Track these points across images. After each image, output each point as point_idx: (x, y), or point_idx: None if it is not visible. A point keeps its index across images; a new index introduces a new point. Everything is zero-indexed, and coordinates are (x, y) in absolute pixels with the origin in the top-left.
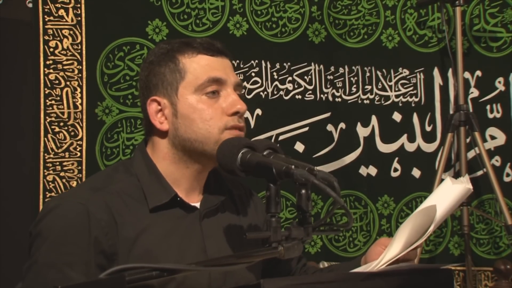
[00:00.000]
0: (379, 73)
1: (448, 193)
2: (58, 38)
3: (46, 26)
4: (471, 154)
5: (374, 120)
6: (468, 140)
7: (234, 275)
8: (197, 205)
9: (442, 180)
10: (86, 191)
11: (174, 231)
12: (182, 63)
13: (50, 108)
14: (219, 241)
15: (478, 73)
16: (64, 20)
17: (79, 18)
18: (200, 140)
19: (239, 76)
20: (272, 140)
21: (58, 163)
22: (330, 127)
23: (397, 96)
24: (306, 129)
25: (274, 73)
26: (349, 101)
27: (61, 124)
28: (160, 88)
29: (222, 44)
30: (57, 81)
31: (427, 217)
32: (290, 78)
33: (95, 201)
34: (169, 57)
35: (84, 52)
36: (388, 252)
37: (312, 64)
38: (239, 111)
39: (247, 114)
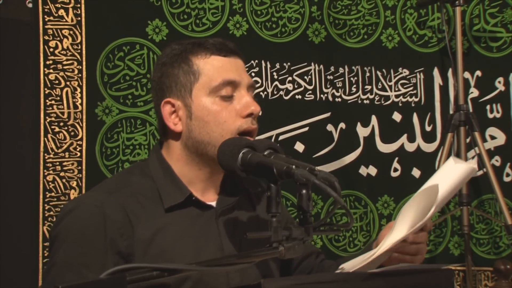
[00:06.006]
0: (379, 73)
1: (450, 173)
2: (58, 38)
3: (46, 26)
4: (471, 154)
5: (374, 120)
6: (468, 140)
7: (252, 272)
8: (213, 203)
9: None
10: (102, 193)
11: (190, 230)
12: (196, 65)
13: (50, 108)
14: (236, 239)
15: (478, 73)
16: (64, 20)
17: (79, 18)
18: (213, 143)
19: None
20: (272, 140)
21: (58, 163)
22: (330, 127)
23: (397, 96)
24: (306, 129)
25: (274, 73)
26: (349, 101)
27: (61, 124)
28: (173, 89)
29: (234, 44)
30: (57, 81)
31: (429, 198)
32: (290, 78)
33: (110, 203)
34: (182, 59)
35: (84, 52)
36: (391, 235)
37: (312, 64)
38: (253, 113)
39: None
